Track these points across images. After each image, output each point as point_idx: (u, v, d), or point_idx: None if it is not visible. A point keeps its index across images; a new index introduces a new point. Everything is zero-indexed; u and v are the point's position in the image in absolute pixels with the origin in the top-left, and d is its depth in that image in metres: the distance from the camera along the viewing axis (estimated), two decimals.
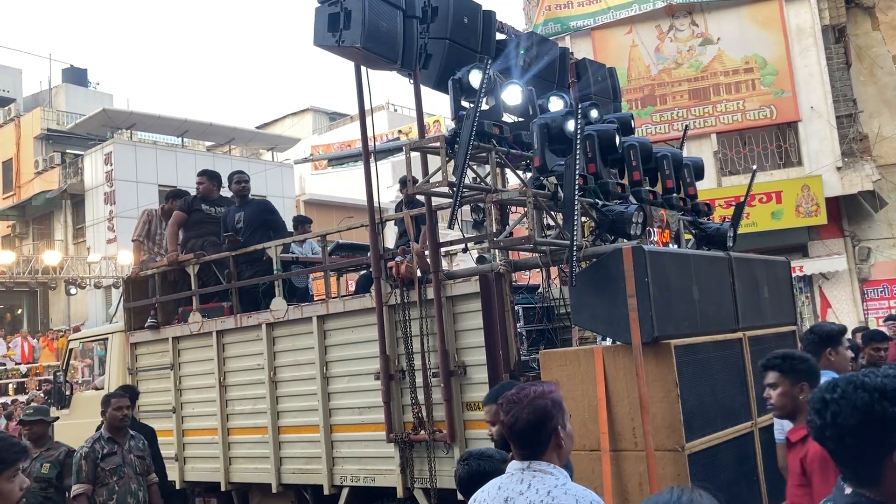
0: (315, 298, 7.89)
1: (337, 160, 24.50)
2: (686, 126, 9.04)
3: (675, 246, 5.90)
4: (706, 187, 17.77)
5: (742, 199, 6.76)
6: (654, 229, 5.64)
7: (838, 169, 17.31)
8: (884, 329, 8.42)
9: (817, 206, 17.18)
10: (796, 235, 17.64)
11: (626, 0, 19.38)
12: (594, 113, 6.29)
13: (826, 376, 4.04)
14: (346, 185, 26.84)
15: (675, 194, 6.06)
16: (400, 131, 25.07)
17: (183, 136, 29.23)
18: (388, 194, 19.93)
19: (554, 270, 6.28)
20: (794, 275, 17.25)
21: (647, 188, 5.76)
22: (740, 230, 17.88)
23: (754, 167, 7.81)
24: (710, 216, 6.59)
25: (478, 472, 3.17)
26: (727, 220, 6.65)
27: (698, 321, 4.98)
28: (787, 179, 17.62)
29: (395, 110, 31.59)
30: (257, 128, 35.44)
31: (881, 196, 17.40)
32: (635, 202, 5.56)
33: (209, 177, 8.10)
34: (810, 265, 17.42)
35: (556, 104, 5.97)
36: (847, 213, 17.79)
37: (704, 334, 5.02)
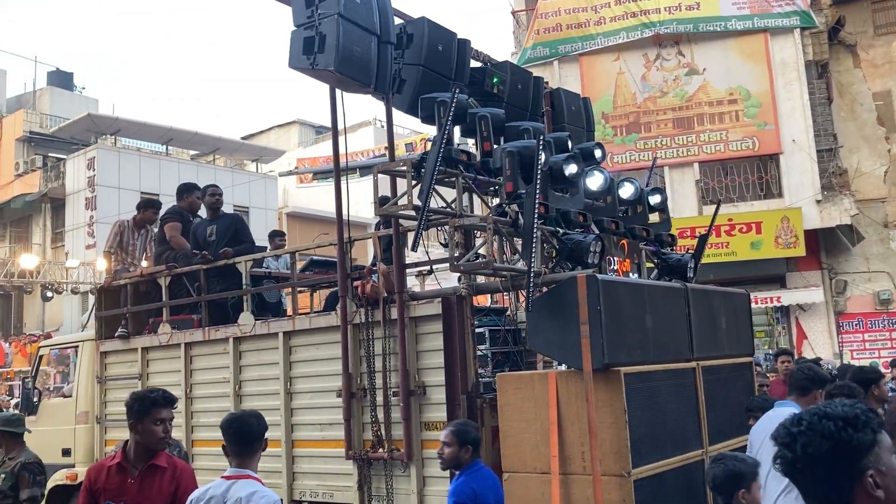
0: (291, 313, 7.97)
1: (322, 174, 24.63)
2: (654, 159, 9.20)
3: (636, 275, 6.03)
4: (687, 215, 18.06)
5: (706, 231, 6.91)
6: (615, 258, 5.76)
7: (818, 202, 17.58)
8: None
9: (796, 238, 17.41)
10: (775, 266, 17.86)
11: (615, 28, 19.70)
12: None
13: (789, 408, 4.24)
14: (331, 198, 26.74)
15: (637, 224, 6.21)
16: (386, 148, 25.22)
17: (167, 144, 29.30)
18: (372, 210, 20.09)
19: (523, 294, 6.40)
20: (771, 305, 17.57)
21: (609, 218, 5.90)
22: (720, 259, 18.01)
23: (719, 199, 7.96)
24: (674, 247, 6.73)
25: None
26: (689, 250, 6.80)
27: (651, 350, 5.10)
28: (767, 210, 17.86)
29: (382, 126, 31.80)
30: (243, 138, 35.44)
31: (858, 230, 17.67)
32: (596, 231, 5.70)
33: (200, 191, 8.22)
34: (788, 296, 17.63)
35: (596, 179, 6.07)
36: (825, 245, 18.04)
37: (657, 363, 5.13)
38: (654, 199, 6.58)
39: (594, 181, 5.45)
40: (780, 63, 18.46)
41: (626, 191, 6.46)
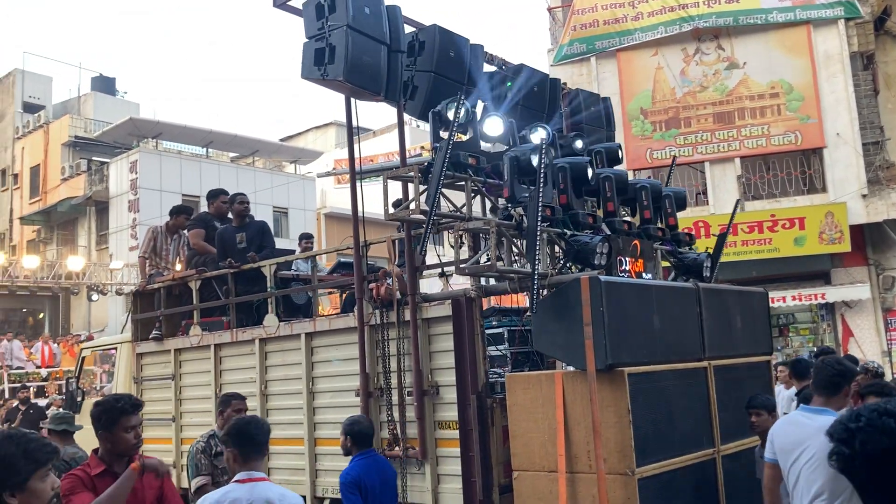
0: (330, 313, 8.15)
1: (359, 174, 24.86)
2: (674, 157, 9.14)
3: (650, 276, 6.05)
4: (728, 211, 17.81)
5: (725, 229, 6.89)
6: (627, 259, 5.80)
7: (863, 196, 17.19)
8: None
9: (841, 234, 17.06)
10: (819, 262, 17.52)
11: (653, 22, 19.52)
12: (579, 143, 6.49)
13: (831, 416, 4.07)
14: (368, 199, 26.86)
15: (653, 224, 6.23)
16: (423, 147, 25.40)
17: (207, 147, 29.71)
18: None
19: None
20: (815, 302, 17.24)
21: (623, 219, 5.94)
22: (762, 255, 17.68)
23: (738, 199, 7.85)
24: (692, 246, 6.72)
25: None
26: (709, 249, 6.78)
27: (658, 350, 5.13)
28: (810, 206, 17.54)
29: (418, 126, 31.95)
30: (281, 140, 35.80)
31: None
32: (607, 232, 5.75)
33: (227, 196, 8.49)
34: (833, 293, 17.27)
35: (537, 136, 6.20)
36: (871, 241, 17.62)
37: (665, 363, 5.17)
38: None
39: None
40: (824, 55, 18.09)
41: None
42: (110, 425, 3.68)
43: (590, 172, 5.66)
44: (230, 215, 8.25)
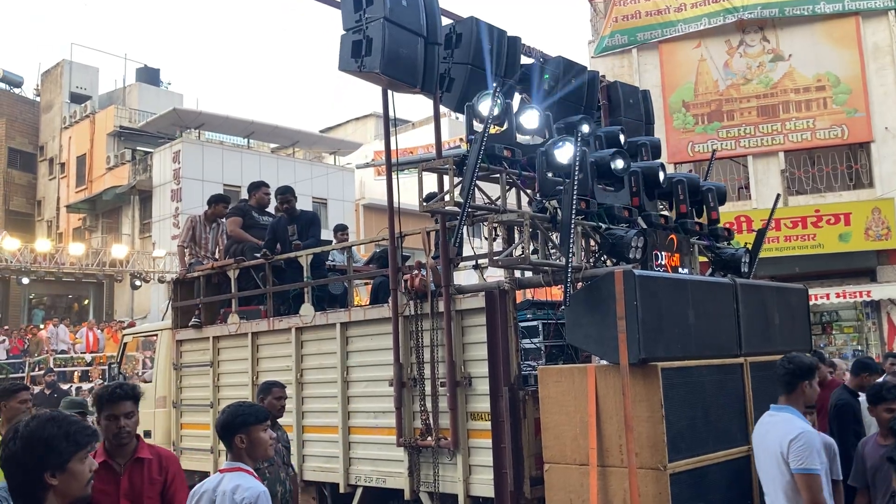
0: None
1: (399, 166, 24.97)
2: (714, 151, 8.99)
3: (686, 270, 5.99)
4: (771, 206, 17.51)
5: (764, 225, 6.79)
6: (663, 253, 5.75)
7: None
8: None
9: (888, 230, 16.72)
10: (864, 259, 17.18)
11: (696, 13, 19.24)
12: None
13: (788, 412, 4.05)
14: (406, 191, 26.88)
15: (689, 219, 6.17)
16: (461, 139, 25.46)
17: (249, 138, 29.99)
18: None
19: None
20: (860, 299, 16.88)
21: (658, 213, 5.89)
22: (806, 251, 17.32)
23: (777, 194, 7.68)
24: (730, 241, 6.64)
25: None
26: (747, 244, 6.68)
27: (692, 345, 5.09)
28: (856, 201, 17.21)
29: (457, 118, 31.82)
30: (321, 131, 35.90)
31: None
32: (643, 226, 5.71)
33: (268, 187, 8.64)
34: (879, 290, 16.90)
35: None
36: None
37: (700, 358, 5.12)
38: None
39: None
40: (873, 47, 17.69)
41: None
42: (98, 412, 3.63)
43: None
44: (270, 207, 8.39)
